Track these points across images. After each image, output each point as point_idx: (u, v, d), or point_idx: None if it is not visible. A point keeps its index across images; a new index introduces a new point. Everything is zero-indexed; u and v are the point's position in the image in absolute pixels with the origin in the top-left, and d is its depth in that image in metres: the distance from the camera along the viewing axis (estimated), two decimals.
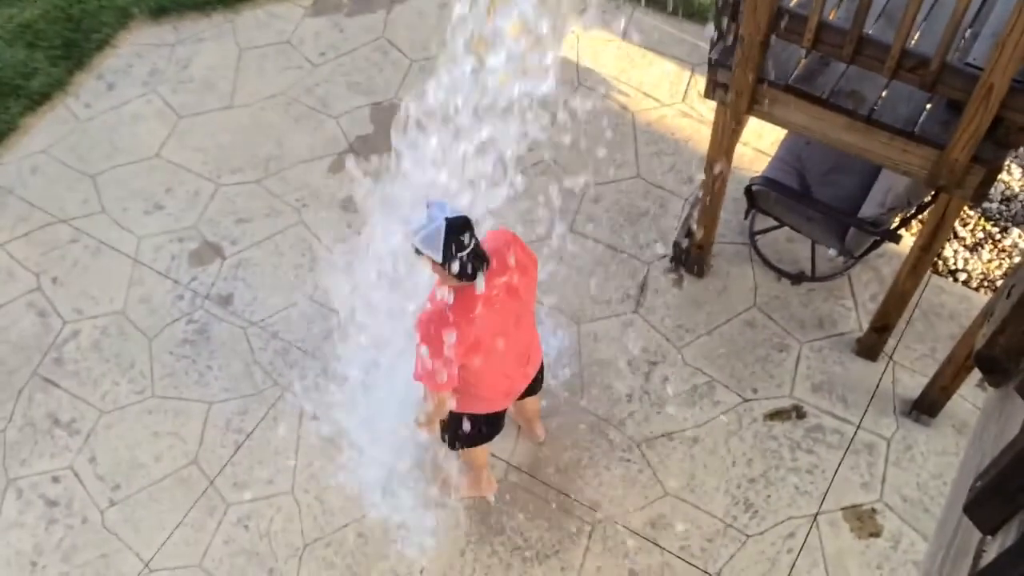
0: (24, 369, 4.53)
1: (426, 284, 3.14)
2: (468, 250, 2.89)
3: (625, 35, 5.41)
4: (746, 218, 4.72)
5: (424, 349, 3.03)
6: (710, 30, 3.36)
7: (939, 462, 4.20)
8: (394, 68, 5.39)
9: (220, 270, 4.76)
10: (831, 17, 3.33)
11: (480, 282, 2.98)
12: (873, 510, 4.11)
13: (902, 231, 4.26)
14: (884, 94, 3.37)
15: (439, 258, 2.89)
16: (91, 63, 5.45)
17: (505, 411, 3.61)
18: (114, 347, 4.57)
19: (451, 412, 3.41)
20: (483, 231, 3.11)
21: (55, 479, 4.27)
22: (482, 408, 3.47)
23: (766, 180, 4.27)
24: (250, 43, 5.51)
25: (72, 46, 5.46)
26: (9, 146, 5.18)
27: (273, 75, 5.39)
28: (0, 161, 5.13)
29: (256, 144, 5.16)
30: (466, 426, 3.53)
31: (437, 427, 3.53)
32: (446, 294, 3.01)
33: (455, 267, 2.91)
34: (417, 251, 2.94)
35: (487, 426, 3.59)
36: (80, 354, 4.56)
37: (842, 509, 4.11)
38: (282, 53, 5.46)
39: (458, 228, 2.88)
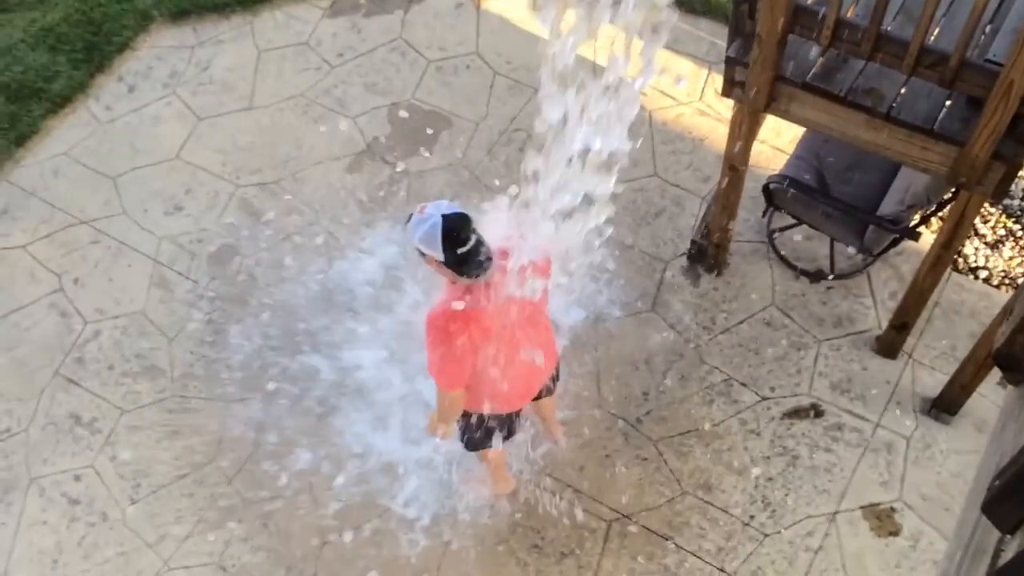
0: (46, 369, 4.58)
1: (439, 283, 3.14)
2: (470, 247, 2.86)
3: (640, 33, 5.39)
4: (764, 216, 4.71)
5: (434, 348, 3.02)
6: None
7: (959, 461, 4.17)
8: (411, 69, 5.40)
9: (239, 270, 4.79)
10: (849, 14, 3.31)
11: (489, 280, 2.96)
12: (892, 509, 4.08)
13: (922, 228, 4.23)
14: (903, 91, 3.35)
15: (440, 256, 2.88)
16: (112, 66, 5.50)
17: (520, 411, 3.61)
18: (134, 347, 4.61)
19: (465, 412, 3.41)
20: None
21: (77, 477, 4.32)
22: (496, 408, 3.45)
23: (784, 178, 4.26)
24: (269, 44, 5.54)
25: (93, 49, 5.50)
26: (31, 148, 5.23)
27: (291, 76, 5.41)
28: (22, 163, 5.19)
29: (275, 145, 5.18)
30: (481, 426, 3.53)
31: (454, 428, 3.53)
32: (455, 293, 3.00)
33: (457, 265, 2.89)
34: (420, 252, 2.93)
35: (502, 426, 3.58)
36: (101, 354, 4.61)
37: (861, 508, 4.09)
38: (300, 54, 5.49)
39: (456, 225, 2.85)
